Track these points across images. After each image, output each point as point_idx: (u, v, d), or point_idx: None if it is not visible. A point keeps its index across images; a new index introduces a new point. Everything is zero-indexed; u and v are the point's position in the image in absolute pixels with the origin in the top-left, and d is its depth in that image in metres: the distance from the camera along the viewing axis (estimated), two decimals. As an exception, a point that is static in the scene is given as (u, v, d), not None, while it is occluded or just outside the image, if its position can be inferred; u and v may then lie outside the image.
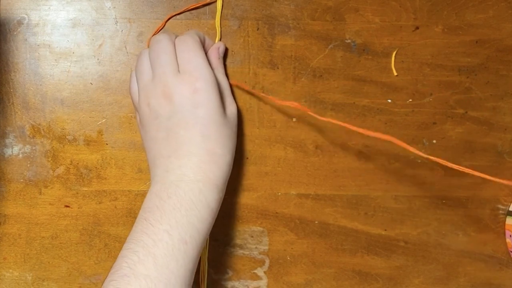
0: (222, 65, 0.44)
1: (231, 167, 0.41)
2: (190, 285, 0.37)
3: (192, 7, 0.45)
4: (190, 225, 0.36)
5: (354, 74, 0.45)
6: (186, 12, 0.45)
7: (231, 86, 0.45)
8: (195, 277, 0.45)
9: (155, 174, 0.40)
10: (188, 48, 0.40)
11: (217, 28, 0.45)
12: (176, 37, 0.42)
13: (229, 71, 0.46)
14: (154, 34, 0.45)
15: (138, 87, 0.42)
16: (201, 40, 0.43)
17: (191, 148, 0.38)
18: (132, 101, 0.43)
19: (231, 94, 0.43)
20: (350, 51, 0.45)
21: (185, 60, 0.40)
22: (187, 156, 0.38)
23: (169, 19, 0.45)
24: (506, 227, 0.45)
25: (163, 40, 0.41)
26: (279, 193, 0.46)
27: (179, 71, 0.40)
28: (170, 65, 0.40)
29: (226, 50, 0.45)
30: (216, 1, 0.45)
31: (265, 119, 0.46)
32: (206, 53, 0.43)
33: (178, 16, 0.45)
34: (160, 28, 0.45)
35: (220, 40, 0.45)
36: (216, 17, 0.45)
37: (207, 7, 0.45)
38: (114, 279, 0.34)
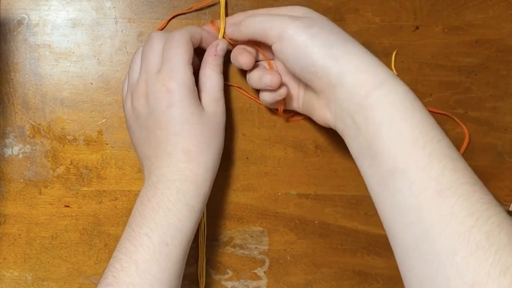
0: (217, 63, 0.42)
1: (215, 164, 0.40)
2: None
3: (196, 7, 0.45)
4: (170, 226, 0.36)
5: (354, 74, 0.45)
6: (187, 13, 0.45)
7: (229, 86, 0.44)
8: (194, 277, 0.45)
9: (144, 176, 0.40)
10: (171, 46, 0.40)
11: (221, 26, 0.44)
12: None
13: (230, 71, 0.46)
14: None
15: (127, 84, 0.42)
16: (195, 37, 0.41)
17: (167, 147, 0.38)
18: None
19: (218, 92, 0.41)
20: (350, 51, 0.45)
21: (166, 58, 0.40)
22: (165, 156, 0.38)
23: (172, 18, 0.45)
24: (506, 227, 0.45)
25: (153, 38, 0.41)
26: (279, 193, 0.46)
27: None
28: (154, 64, 0.40)
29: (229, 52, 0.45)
30: (218, 2, 0.45)
31: (265, 119, 0.46)
32: (202, 50, 0.43)
33: (178, 16, 0.45)
34: (161, 28, 0.45)
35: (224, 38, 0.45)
36: (221, 14, 0.45)
37: (207, 7, 0.45)
38: None
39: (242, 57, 0.41)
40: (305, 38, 0.37)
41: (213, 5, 0.45)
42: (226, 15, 0.45)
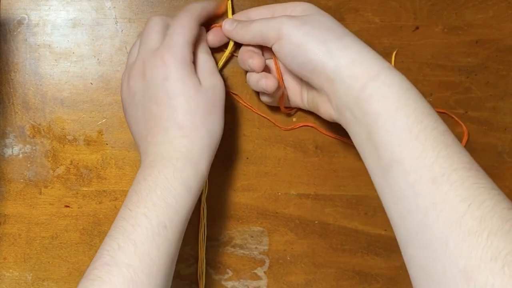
0: (206, 46, 0.43)
1: (211, 142, 0.39)
2: (171, 274, 0.36)
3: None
4: (168, 206, 0.35)
5: (354, 74, 0.45)
6: (186, 12, 0.45)
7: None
8: (194, 277, 0.45)
9: (141, 158, 0.39)
10: (175, 24, 0.40)
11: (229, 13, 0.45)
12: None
13: (230, 71, 0.46)
14: None
15: (126, 66, 0.42)
16: (202, 16, 0.42)
17: (162, 123, 0.38)
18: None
19: (213, 68, 0.41)
20: (350, 51, 0.45)
21: (167, 35, 0.39)
22: (160, 132, 0.38)
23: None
24: (506, 227, 0.45)
25: (152, 20, 0.41)
26: (279, 193, 0.46)
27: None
28: (152, 42, 0.40)
29: (230, 85, 0.45)
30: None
31: (265, 119, 0.46)
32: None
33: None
34: None
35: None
36: (228, 15, 0.45)
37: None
38: (96, 267, 0.33)
39: (253, 61, 0.41)
40: (300, 36, 0.37)
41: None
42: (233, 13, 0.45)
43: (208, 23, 0.44)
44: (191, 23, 0.40)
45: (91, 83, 0.45)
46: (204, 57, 0.41)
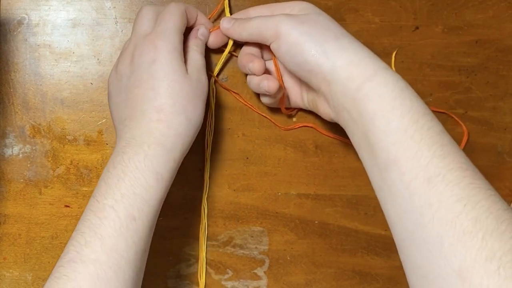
0: (198, 44, 0.42)
1: (187, 131, 0.38)
2: (142, 268, 0.35)
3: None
4: (137, 197, 0.34)
5: (354, 74, 0.45)
6: (186, 12, 0.45)
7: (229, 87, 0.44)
8: (194, 277, 0.45)
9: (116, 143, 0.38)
10: (166, 12, 0.40)
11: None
12: None
13: (230, 71, 0.46)
14: None
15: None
16: (190, 12, 0.42)
17: (142, 106, 0.37)
18: None
19: (200, 65, 0.41)
20: (350, 51, 0.45)
21: (158, 22, 0.40)
22: (137, 115, 0.37)
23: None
24: (506, 227, 0.45)
25: (144, 8, 0.41)
26: (279, 193, 0.46)
27: None
28: (144, 28, 0.40)
29: (230, 84, 0.45)
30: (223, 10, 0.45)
31: (265, 119, 0.46)
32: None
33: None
34: None
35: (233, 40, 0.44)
36: (226, 14, 0.45)
37: (206, 5, 0.45)
38: (62, 264, 0.32)
39: (253, 65, 0.41)
40: (297, 35, 0.37)
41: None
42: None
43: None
44: (180, 12, 0.40)
45: (91, 83, 0.45)
46: (195, 55, 0.41)
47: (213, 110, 0.45)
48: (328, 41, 0.37)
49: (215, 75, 0.45)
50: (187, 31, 0.42)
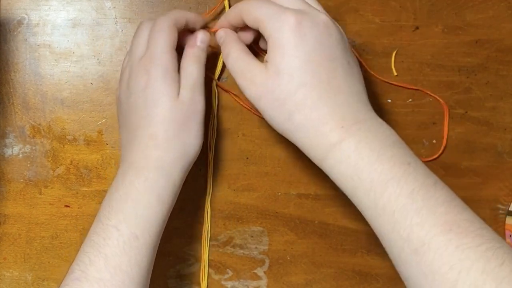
0: (197, 54, 0.41)
1: (185, 154, 0.38)
2: (146, 285, 0.35)
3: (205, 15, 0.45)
4: (139, 217, 0.35)
5: (354, 74, 0.45)
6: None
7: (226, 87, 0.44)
8: (194, 277, 0.45)
9: None
10: (153, 31, 0.39)
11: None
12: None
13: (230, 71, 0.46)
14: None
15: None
16: (178, 21, 0.40)
17: (137, 132, 0.38)
18: None
19: (196, 82, 0.40)
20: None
21: (149, 44, 0.39)
22: (134, 141, 0.38)
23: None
24: (506, 227, 0.45)
25: (139, 26, 0.41)
26: (279, 193, 0.46)
27: None
28: (139, 50, 0.40)
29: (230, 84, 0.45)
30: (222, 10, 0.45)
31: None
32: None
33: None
34: None
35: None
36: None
37: (206, 5, 0.45)
38: (67, 283, 0.33)
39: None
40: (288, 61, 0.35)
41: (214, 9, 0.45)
42: (226, 15, 0.45)
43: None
44: (168, 26, 0.39)
45: (91, 83, 0.45)
46: (191, 68, 0.40)
47: (216, 112, 0.45)
48: (294, 112, 0.35)
49: (216, 77, 0.45)
50: (185, 35, 0.42)
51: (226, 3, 0.45)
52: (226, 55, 0.39)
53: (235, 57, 0.38)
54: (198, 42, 0.41)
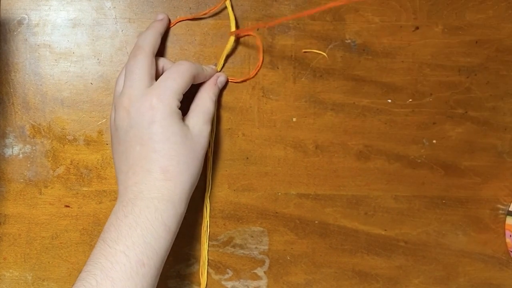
0: (214, 91, 0.43)
1: (192, 185, 0.40)
2: None
3: (202, 14, 0.45)
4: (147, 245, 0.36)
5: (354, 74, 0.45)
6: (186, 13, 0.45)
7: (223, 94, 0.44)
8: (194, 277, 0.45)
9: (118, 190, 0.40)
10: (177, 70, 0.40)
11: (232, 23, 0.45)
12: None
13: (230, 71, 0.46)
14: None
15: (114, 97, 0.42)
16: (199, 76, 0.42)
17: (146, 164, 0.38)
18: None
19: (206, 115, 0.42)
20: (350, 51, 0.45)
21: (162, 79, 0.40)
22: (142, 172, 0.38)
23: (177, 22, 0.45)
24: (506, 227, 0.45)
25: (138, 56, 0.41)
26: (279, 193, 0.46)
27: (149, 87, 0.40)
28: (139, 81, 0.40)
29: (227, 83, 0.45)
30: (224, 8, 0.45)
31: (265, 119, 0.46)
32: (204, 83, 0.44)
33: (178, 17, 0.45)
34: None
35: (235, 44, 0.45)
36: (230, 22, 0.45)
37: (206, 6, 0.45)
38: None
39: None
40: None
41: (218, 12, 0.45)
42: (226, 15, 0.45)
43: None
44: (189, 75, 0.41)
45: (91, 83, 0.45)
46: (208, 103, 0.42)
47: (216, 112, 0.45)
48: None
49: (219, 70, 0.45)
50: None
51: (227, 3, 0.45)
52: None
53: None
54: (219, 82, 0.44)
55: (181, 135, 0.39)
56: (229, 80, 0.45)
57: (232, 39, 0.44)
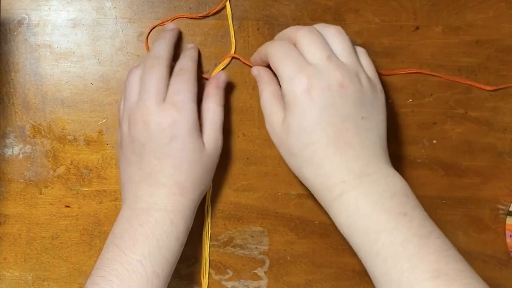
0: (219, 94, 0.43)
1: (200, 199, 0.41)
2: None
3: (200, 15, 0.45)
4: (162, 257, 0.37)
5: (354, 74, 0.45)
6: (186, 13, 0.45)
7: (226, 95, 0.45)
8: (194, 277, 0.45)
9: (125, 198, 0.40)
10: (182, 80, 0.40)
11: (231, 37, 0.45)
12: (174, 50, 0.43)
13: (230, 71, 0.46)
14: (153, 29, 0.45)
15: (124, 105, 0.42)
16: (196, 62, 0.43)
17: (161, 178, 0.39)
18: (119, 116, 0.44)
19: (219, 128, 0.42)
20: (350, 51, 0.45)
21: (174, 91, 0.40)
22: (157, 185, 0.39)
23: (174, 19, 0.45)
24: (506, 227, 0.45)
25: (156, 66, 0.40)
26: (279, 193, 0.46)
27: (165, 99, 0.39)
28: (157, 93, 0.39)
29: (230, 84, 0.45)
30: (224, 8, 0.45)
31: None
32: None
33: (179, 13, 0.45)
34: (161, 24, 0.45)
35: (235, 45, 0.45)
36: (229, 24, 0.45)
37: (207, 6, 0.45)
38: None
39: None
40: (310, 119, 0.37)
41: (218, 11, 0.45)
42: (226, 15, 0.45)
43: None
44: (194, 79, 0.41)
45: (91, 83, 0.45)
46: (216, 113, 0.42)
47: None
48: (314, 154, 0.37)
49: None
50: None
51: (227, 4, 0.45)
52: (259, 92, 0.42)
53: (265, 99, 0.41)
54: (221, 83, 0.43)
55: (199, 153, 0.40)
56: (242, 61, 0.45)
57: (227, 60, 0.45)
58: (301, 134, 0.37)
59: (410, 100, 0.46)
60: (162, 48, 0.42)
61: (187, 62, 0.42)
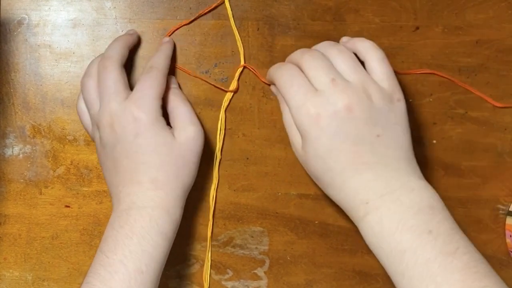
0: (178, 93, 0.43)
1: (184, 191, 0.40)
2: None
3: (200, 14, 0.45)
4: (144, 253, 0.36)
5: (354, 74, 0.45)
6: (186, 13, 0.46)
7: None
8: (194, 277, 0.45)
9: (112, 204, 0.40)
10: (147, 78, 0.40)
11: (235, 35, 0.45)
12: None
13: (231, 72, 0.46)
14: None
15: (89, 115, 0.42)
16: (168, 60, 0.43)
17: (135, 177, 0.39)
18: (87, 131, 0.43)
19: (187, 119, 0.41)
20: (350, 51, 0.45)
21: (137, 88, 0.40)
22: (132, 184, 0.39)
23: (174, 30, 0.45)
24: (506, 227, 0.45)
25: (109, 67, 0.40)
26: (279, 193, 0.46)
27: (127, 97, 0.39)
28: (116, 93, 0.39)
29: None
30: (223, 3, 0.45)
31: (265, 119, 0.46)
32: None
33: (178, 17, 0.46)
34: (169, 34, 0.45)
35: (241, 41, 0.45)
36: (231, 22, 0.45)
37: (207, 6, 0.45)
38: None
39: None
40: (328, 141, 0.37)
41: (217, 6, 0.45)
42: (226, 15, 0.45)
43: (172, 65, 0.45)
44: (159, 78, 0.40)
45: (91, 83, 0.45)
46: (181, 108, 0.41)
47: (223, 111, 0.45)
48: (341, 172, 0.37)
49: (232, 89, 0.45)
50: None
51: (227, 4, 0.45)
52: (281, 112, 0.42)
53: (285, 120, 0.41)
54: (172, 84, 0.43)
55: (167, 145, 0.39)
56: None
57: (239, 70, 0.45)
58: (317, 161, 0.38)
59: (410, 100, 0.46)
60: (116, 48, 0.42)
61: (157, 59, 0.42)
